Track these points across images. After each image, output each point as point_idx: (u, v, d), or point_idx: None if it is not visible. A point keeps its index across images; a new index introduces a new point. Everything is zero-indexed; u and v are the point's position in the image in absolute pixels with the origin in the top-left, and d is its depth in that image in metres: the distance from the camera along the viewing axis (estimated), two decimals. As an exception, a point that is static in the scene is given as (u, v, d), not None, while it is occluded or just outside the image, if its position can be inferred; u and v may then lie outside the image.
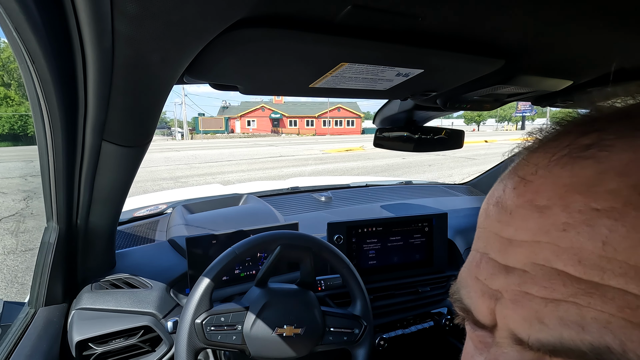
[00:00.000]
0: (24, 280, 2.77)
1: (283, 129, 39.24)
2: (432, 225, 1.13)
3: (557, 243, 0.16)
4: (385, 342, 0.99)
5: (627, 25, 0.45)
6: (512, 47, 0.50)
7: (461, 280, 0.22)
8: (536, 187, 0.18)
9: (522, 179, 0.19)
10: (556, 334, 0.15)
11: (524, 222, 0.17)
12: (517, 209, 0.18)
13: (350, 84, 0.59)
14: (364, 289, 0.79)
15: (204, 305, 0.65)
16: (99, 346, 0.77)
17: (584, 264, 0.15)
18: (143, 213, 1.35)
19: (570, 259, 0.15)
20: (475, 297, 0.20)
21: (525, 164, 0.19)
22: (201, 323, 0.64)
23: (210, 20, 0.36)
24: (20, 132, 23.44)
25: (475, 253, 0.21)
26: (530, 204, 0.18)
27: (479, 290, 0.20)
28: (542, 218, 0.17)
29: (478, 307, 0.20)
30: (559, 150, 0.18)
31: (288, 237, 0.74)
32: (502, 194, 0.20)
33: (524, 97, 0.80)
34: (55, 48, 0.41)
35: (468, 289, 0.21)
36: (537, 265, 0.16)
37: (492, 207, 0.20)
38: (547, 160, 0.18)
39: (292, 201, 1.51)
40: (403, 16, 0.39)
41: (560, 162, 0.17)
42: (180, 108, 32.51)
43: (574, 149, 0.17)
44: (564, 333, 0.15)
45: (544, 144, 0.19)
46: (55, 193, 0.65)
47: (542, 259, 0.16)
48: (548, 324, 0.16)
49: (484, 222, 0.21)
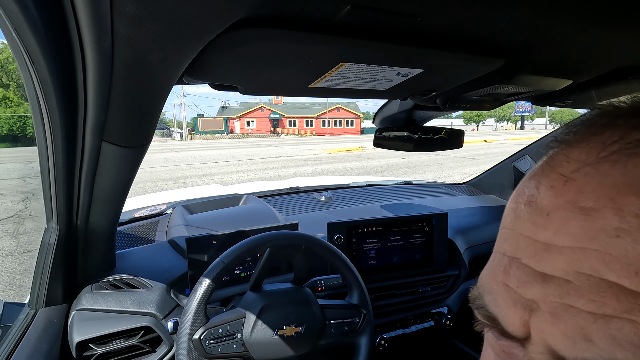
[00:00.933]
0: (22, 282, 2.77)
1: (282, 130, 39.23)
2: (432, 225, 1.13)
3: (608, 251, 0.14)
4: (385, 342, 0.99)
5: (627, 24, 0.45)
6: (512, 46, 0.50)
7: (484, 286, 0.20)
8: (580, 186, 0.16)
9: (562, 176, 0.17)
10: (607, 355, 0.14)
11: (565, 226, 0.16)
12: (556, 210, 0.16)
13: (350, 84, 0.59)
14: (358, 277, 0.79)
15: (200, 321, 0.64)
16: (100, 347, 0.77)
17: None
18: (143, 213, 1.35)
19: (624, 270, 0.14)
20: (505, 306, 0.18)
21: (564, 159, 0.17)
22: (199, 339, 0.63)
23: (209, 20, 0.36)
24: (19, 133, 23.41)
25: (502, 257, 0.19)
26: (572, 206, 0.16)
27: (509, 299, 0.18)
28: (588, 222, 0.15)
29: (508, 317, 0.18)
30: (608, 146, 0.16)
31: (276, 238, 0.74)
32: (536, 192, 0.18)
33: (523, 96, 0.80)
34: (54, 49, 0.41)
35: (494, 295, 0.19)
36: (583, 274, 0.15)
37: (524, 207, 0.18)
38: (593, 156, 0.16)
39: (292, 201, 1.51)
40: (403, 16, 0.39)
41: (609, 159, 0.15)
42: (180, 109, 32.50)
43: (626, 144, 0.15)
44: (618, 354, 0.13)
45: (586, 137, 0.17)
46: (55, 194, 0.65)
47: (588, 268, 0.14)
48: (597, 342, 0.14)
49: (513, 223, 0.19)
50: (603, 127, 0.17)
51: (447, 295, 1.15)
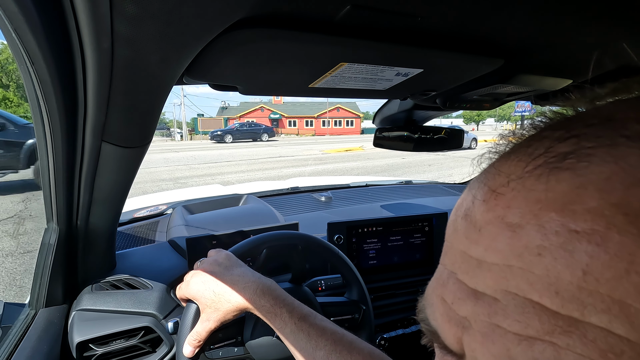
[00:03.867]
0: (22, 282, 2.77)
1: (282, 130, 39.24)
2: (432, 225, 1.13)
3: (531, 269, 0.14)
4: (386, 342, 0.99)
5: (627, 23, 0.45)
6: (512, 46, 0.51)
7: (427, 297, 0.19)
8: (507, 201, 0.15)
9: (492, 191, 0.16)
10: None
11: (494, 242, 0.15)
12: (486, 226, 0.16)
13: (349, 84, 0.59)
14: (356, 273, 0.79)
15: None
16: (100, 347, 0.77)
17: (561, 295, 0.13)
18: (143, 214, 1.35)
19: (546, 289, 0.13)
20: (442, 321, 0.18)
21: (496, 172, 0.17)
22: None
23: (209, 20, 0.36)
24: (19, 133, 23.38)
25: (443, 269, 0.19)
26: (501, 221, 0.15)
27: (445, 315, 0.17)
28: (514, 239, 0.14)
29: (444, 333, 0.17)
30: (534, 159, 0.15)
31: (273, 238, 0.73)
32: (471, 206, 0.17)
33: (523, 96, 0.80)
34: (54, 49, 0.41)
35: (433, 309, 0.19)
36: (510, 293, 0.14)
37: (461, 221, 0.18)
38: (520, 169, 0.15)
39: (292, 201, 1.51)
40: (402, 16, 0.39)
41: (534, 173, 0.15)
42: (179, 109, 32.51)
43: (550, 157, 0.15)
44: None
45: (517, 149, 0.17)
46: (55, 194, 0.65)
47: (514, 287, 0.14)
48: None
49: (452, 236, 0.18)
50: (530, 139, 0.17)
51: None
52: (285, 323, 0.52)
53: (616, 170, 0.13)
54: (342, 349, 0.48)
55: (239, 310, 0.56)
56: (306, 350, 0.50)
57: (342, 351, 0.48)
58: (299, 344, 0.50)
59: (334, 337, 0.50)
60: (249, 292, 0.54)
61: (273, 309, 0.53)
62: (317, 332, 0.50)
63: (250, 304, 0.54)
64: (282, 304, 0.53)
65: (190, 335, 0.57)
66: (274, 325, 0.53)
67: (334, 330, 0.51)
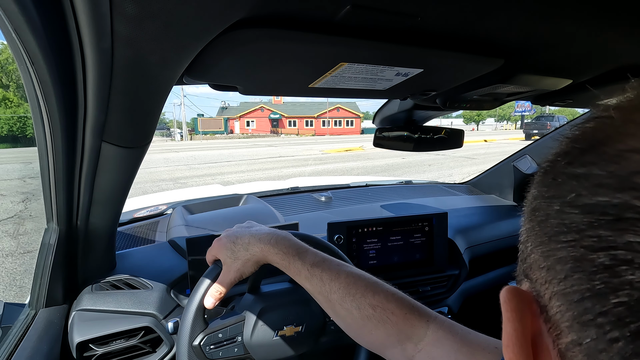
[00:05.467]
0: (23, 282, 2.77)
1: (282, 130, 39.25)
2: (432, 225, 1.13)
3: None
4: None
5: (627, 24, 0.45)
6: (512, 46, 0.51)
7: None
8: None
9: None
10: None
11: None
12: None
13: (349, 84, 0.59)
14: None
15: (199, 327, 0.64)
16: (100, 347, 0.77)
17: None
18: (143, 214, 1.35)
19: None
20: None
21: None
22: (199, 345, 0.63)
23: (209, 20, 0.36)
24: (18, 133, 23.40)
25: None
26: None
27: None
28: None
29: None
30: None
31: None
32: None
33: (523, 96, 0.80)
34: (54, 49, 0.41)
35: None
36: None
37: None
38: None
39: (292, 201, 1.51)
40: (402, 16, 0.39)
41: None
42: (179, 109, 32.52)
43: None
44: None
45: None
46: (55, 194, 0.65)
47: None
48: None
49: None
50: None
51: (448, 295, 1.15)
52: (299, 270, 0.55)
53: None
54: (356, 292, 0.50)
55: (255, 259, 0.59)
56: (322, 294, 0.53)
57: (355, 294, 0.50)
58: (315, 289, 0.54)
59: (348, 280, 0.52)
60: (264, 241, 0.58)
61: (286, 257, 0.56)
62: (330, 276, 0.52)
63: (265, 253, 0.57)
64: (295, 252, 0.56)
65: (212, 288, 0.62)
66: (290, 273, 0.56)
67: (349, 273, 0.53)
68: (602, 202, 0.15)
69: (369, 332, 0.49)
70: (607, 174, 0.16)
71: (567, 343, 0.16)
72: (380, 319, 0.48)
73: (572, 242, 0.16)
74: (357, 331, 0.51)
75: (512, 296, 0.20)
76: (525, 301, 0.19)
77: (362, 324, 0.49)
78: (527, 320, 0.19)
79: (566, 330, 0.16)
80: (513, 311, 0.19)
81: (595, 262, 0.15)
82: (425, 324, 0.46)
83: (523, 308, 0.19)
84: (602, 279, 0.14)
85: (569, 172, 0.18)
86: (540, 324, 0.19)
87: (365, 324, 0.49)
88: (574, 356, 0.16)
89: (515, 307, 0.19)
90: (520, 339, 0.19)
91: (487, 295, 1.28)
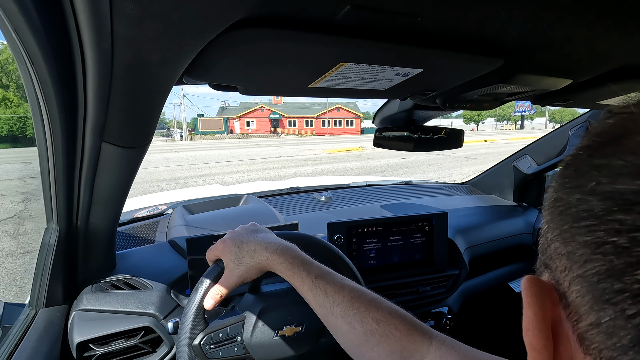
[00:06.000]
0: (23, 282, 2.77)
1: (282, 130, 39.25)
2: (432, 225, 1.13)
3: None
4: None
5: (627, 24, 0.45)
6: (512, 46, 0.50)
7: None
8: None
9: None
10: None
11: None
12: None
13: (349, 84, 0.59)
14: (356, 272, 0.78)
15: (199, 326, 0.64)
16: (100, 347, 0.77)
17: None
18: (143, 214, 1.35)
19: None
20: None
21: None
22: (199, 344, 0.63)
23: (209, 20, 0.36)
24: (18, 134, 23.40)
25: None
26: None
27: None
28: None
29: None
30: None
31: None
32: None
33: (523, 96, 0.80)
34: (54, 49, 0.41)
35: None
36: None
37: None
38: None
39: (292, 201, 1.51)
40: (402, 16, 0.39)
41: None
42: (179, 109, 32.53)
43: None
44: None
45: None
46: (55, 194, 0.65)
47: None
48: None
49: None
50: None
51: (448, 295, 1.15)
52: (303, 280, 0.55)
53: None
54: (360, 306, 0.50)
55: (259, 267, 0.59)
56: (324, 307, 0.52)
57: (359, 307, 0.49)
58: (318, 301, 0.53)
59: (352, 294, 0.51)
60: (270, 250, 0.58)
61: (291, 267, 0.56)
62: (334, 289, 0.52)
63: (271, 262, 0.58)
64: (300, 263, 0.56)
65: (213, 290, 0.62)
66: (293, 283, 0.56)
67: (353, 288, 0.53)
68: (621, 189, 0.16)
69: (371, 348, 0.48)
70: (626, 163, 0.17)
71: (586, 326, 0.17)
72: (384, 334, 0.47)
73: (593, 227, 0.17)
74: (359, 347, 0.49)
75: (532, 284, 0.21)
76: (545, 289, 0.20)
77: (364, 339, 0.48)
78: (547, 306, 0.20)
79: (585, 313, 0.17)
80: (533, 296, 0.20)
81: (615, 245, 0.16)
82: (428, 341, 0.45)
83: (543, 295, 0.20)
84: (620, 260, 0.15)
85: (590, 163, 0.19)
86: (560, 312, 0.20)
87: (367, 339, 0.48)
88: (593, 337, 0.17)
89: (535, 293, 0.20)
90: (541, 323, 0.20)
91: (487, 295, 1.28)
